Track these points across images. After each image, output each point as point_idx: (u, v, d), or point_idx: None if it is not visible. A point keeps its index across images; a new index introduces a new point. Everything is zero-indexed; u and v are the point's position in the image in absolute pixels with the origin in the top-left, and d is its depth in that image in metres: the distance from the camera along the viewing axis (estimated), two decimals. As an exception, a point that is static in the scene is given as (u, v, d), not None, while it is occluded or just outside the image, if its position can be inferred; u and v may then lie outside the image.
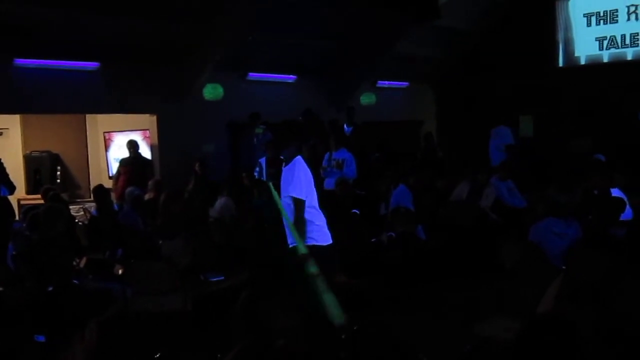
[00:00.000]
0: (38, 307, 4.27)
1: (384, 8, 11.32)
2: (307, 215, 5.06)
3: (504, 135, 12.15)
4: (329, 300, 4.10)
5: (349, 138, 11.11)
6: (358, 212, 8.28)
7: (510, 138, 12.12)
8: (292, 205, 5.06)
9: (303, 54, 12.32)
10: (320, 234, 5.14)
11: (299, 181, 5.07)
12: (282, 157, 5.39)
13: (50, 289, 4.34)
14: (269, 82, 12.62)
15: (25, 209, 8.41)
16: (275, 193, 5.08)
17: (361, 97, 13.40)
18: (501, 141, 11.99)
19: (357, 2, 11.46)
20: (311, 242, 4.99)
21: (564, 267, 4.29)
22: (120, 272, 6.00)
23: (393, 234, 7.05)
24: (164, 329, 5.43)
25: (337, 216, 5.41)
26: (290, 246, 5.10)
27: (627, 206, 7.11)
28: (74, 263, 5.87)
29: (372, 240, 7.33)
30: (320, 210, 5.24)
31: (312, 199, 5.17)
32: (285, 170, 5.21)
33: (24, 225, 7.03)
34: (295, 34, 11.57)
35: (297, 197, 5.03)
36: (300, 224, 4.98)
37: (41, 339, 4.10)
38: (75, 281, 4.73)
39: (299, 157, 5.21)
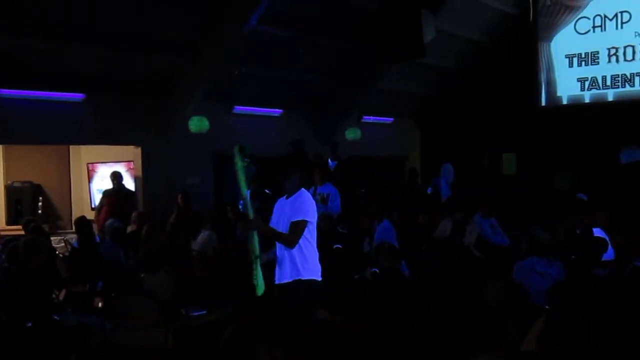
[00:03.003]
0: (16, 343, 4.18)
1: (370, 46, 11.47)
2: (306, 251, 5.05)
3: (449, 172, 13.16)
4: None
5: (333, 172, 11.15)
6: (341, 247, 8.25)
7: (452, 175, 13.15)
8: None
9: (289, 89, 12.40)
10: (317, 269, 5.14)
11: (312, 210, 5.11)
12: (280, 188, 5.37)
13: (29, 324, 4.24)
14: (255, 116, 12.65)
15: (5, 241, 8.30)
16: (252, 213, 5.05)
17: (346, 132, 13.47)
18: (449, 178, 13.02)
19: (344, 38, 11.61)
20: (311, 277, 5.02)
21: (546, 306, 4.30)
22: (100, 305, 5.92)
23: (377, 270, 7.01)
24: (143, 364, 5.34)
25: (320, 251, 5.39)
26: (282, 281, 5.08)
27: (609, 246, 7.15)
28: (53, 296, 5.79)
29: (356, 276, 7.29)
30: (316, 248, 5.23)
31: (314, 234, 5.17)
32: (290, 200, 5.14)
33: (3, 257, 6.93)
34: (281, 69, 11.67)
35: (305, 219, 5.02)
36: (285, 242, 5.01)
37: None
38: (55, 317, 4.64)
39: (303, 190, 5.21)
